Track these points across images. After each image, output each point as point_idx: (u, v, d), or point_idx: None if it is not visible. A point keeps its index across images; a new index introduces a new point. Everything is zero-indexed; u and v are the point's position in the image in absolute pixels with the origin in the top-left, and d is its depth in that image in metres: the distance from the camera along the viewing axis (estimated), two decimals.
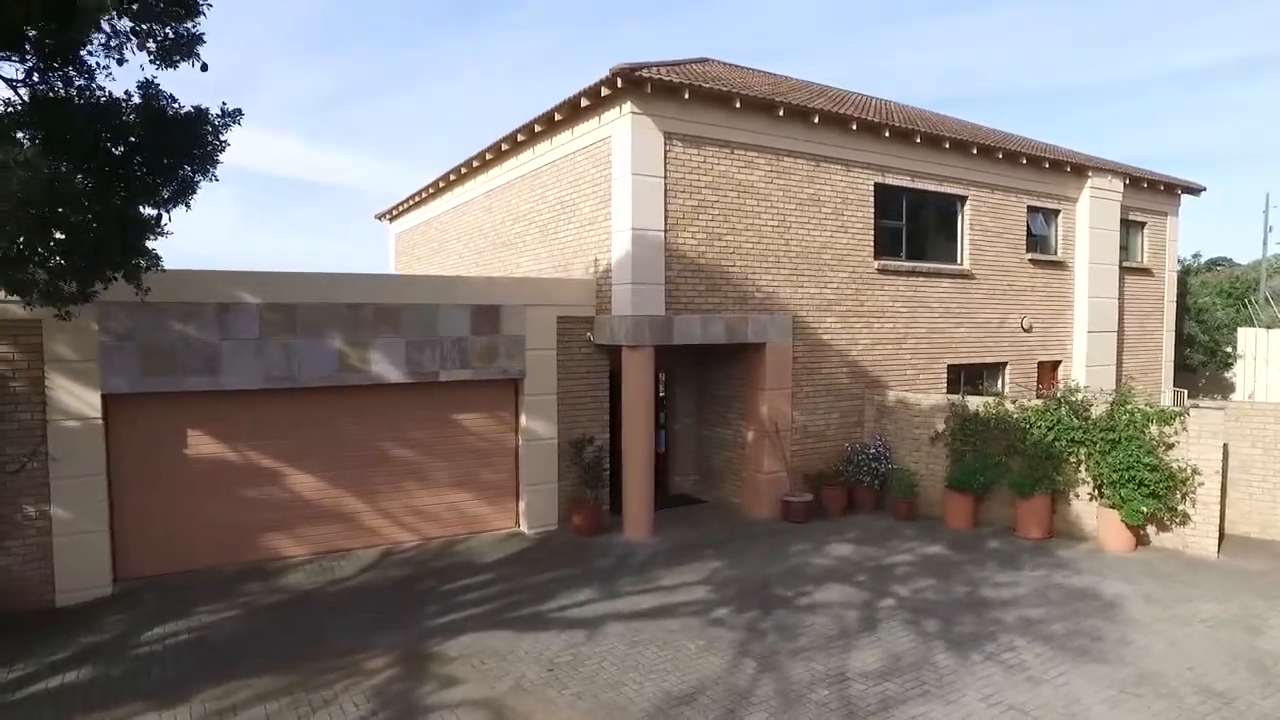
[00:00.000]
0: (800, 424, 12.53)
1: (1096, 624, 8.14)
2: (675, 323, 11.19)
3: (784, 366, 12.23)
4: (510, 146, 13.50)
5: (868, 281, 13.22)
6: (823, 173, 12.57)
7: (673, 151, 11.13)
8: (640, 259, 10.93)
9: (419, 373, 10.71)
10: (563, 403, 11.65)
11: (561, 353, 11.61)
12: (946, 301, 14.30)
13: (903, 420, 12.71)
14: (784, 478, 12.22)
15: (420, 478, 11.01)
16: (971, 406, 11.98)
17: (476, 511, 11.40)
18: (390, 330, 10.51)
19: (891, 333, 13.57)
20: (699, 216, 11.41)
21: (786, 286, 12.30)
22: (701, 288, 11.47)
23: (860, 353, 13.19)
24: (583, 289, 11.80)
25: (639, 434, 11.13)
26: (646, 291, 10.97)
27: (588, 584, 9.47)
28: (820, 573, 9.79)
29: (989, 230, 14.81)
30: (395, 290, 10.61)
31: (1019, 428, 11.47)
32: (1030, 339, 15.69)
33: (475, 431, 11.30)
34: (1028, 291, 15.56)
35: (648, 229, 10.95)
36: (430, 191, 17.57)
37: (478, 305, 11.05)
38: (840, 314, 12.92)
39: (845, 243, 12.90)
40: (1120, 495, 10.43)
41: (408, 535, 10.97)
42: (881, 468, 12.49)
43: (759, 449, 12.23)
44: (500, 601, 8.97)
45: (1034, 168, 15.24)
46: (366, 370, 10.40)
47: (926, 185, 13.83)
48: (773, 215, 12.10)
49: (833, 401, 12.90)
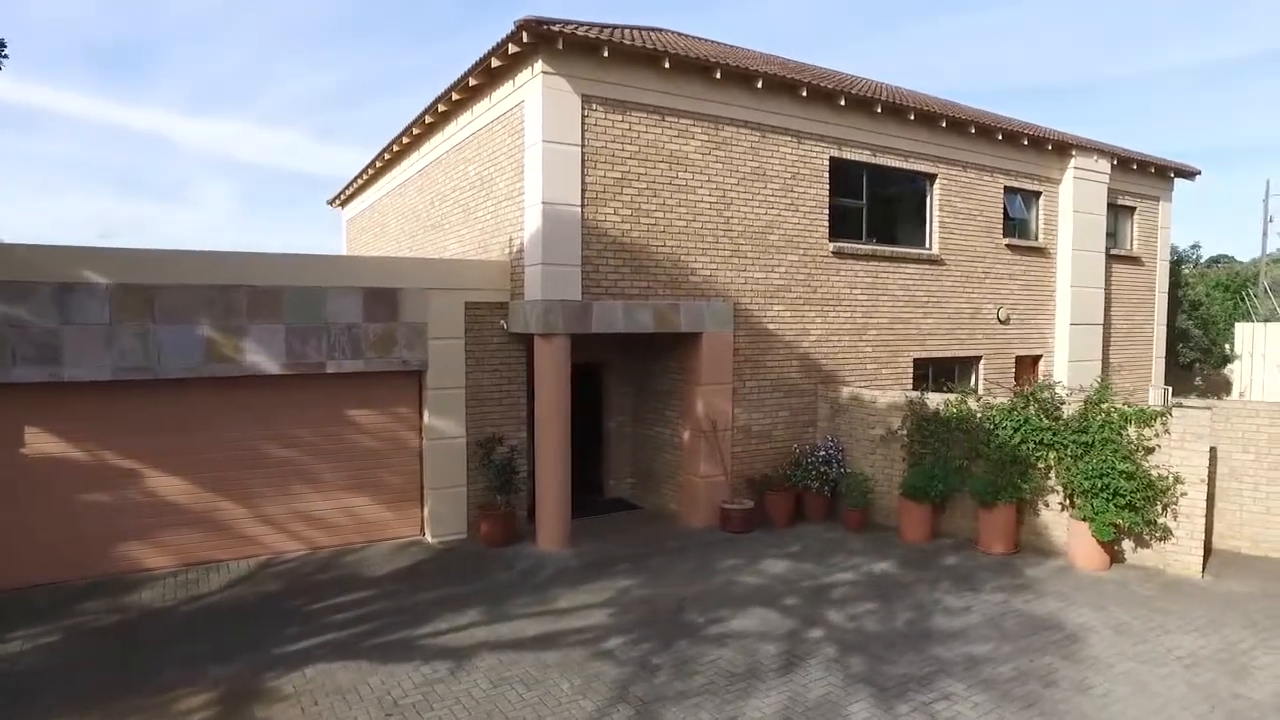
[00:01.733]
0: (743, 423, 11.11)
1: (1053, 663, 6.72)
2: (594, 309, 9.79)
3: (723, 359, 10.81)
4: (434, 119, 12.11)
5: (822, 265, 11.77)
6: (769, 144, 11.13)
7: (592, 117, 9.72)
8: (552, 237, 9.53)
9: (303, 364, 9.35)
10: (473, 398, 10.27)
11: (471, 342, 10.23)
12: (913, 289, 12.83)
13: (857, 420, 11.28)
14: (723, 482, 10.81)
15: (309, 480, 9.66)
16: (931, 404, 10.54)
17: (375, 518, 10.05)
18: (269, 316, 9.16)
19: (849, 323, 12.12)
20: (623, 190, 9.99)
21: (727, 270, 10.87)
22: (625, 270, 10.06)
23: (813, 344, 11.75)
24: (495, 272, 10.42)
25: (553, 433, 9.75)
26: (560, 273, 9.58)
27: (476, 604, 8.13)
28: (746, 594, 8.39)
29: (961, 212, 13.32)
30: (275, 271, 9.24)
31: (983, 428, 10.03)
32: (1007, 331, 14.20)
33: (371, 429, 9.95)
34: (1005, 279, 14.06)
35: (561, 203, 9.55)
36: (370, 173, 16.20)
37: (372, 289, 9.68)
38: (790, 301, 11.48)
39: (796, 222, 11.46)
40: (1092, 506, 8.98)
41: (294, 544, 9.63)
42: (832, 472, 11.05)
43: (695, 451, 10.83)
44: (370, 624, 7.63)
45: (1011, 145, 13.72)
46: (240, 360, 9.05)
47: (890, 161, 12.36)
48: (711, 190, 10.67)
49: (781, 398, 11.47)
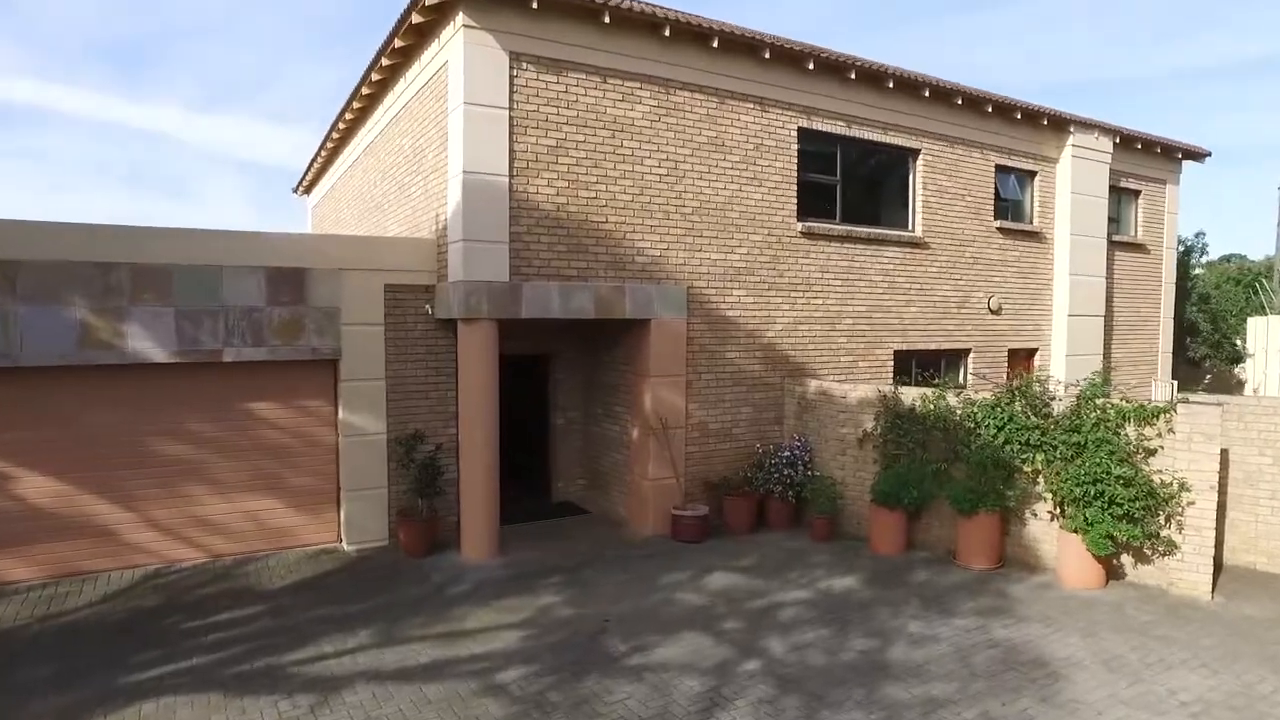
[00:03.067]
0: (698, 420, 9.90)
1: (1029, 710, 5.48)
2: (524, 291, 8.62)
3: (676, 349, 9.60)
4: (371, 90, 10.95)
5: (789, 247, 10.53)
6: (728, 111, 9.91)
7: (522, 77, 8.55)
8: (475, 210, 8.36)
9: (195, 351, 8.23)
10: (395, 391, 9.12)
11: (392, 329, 9.07)
12: (893, 275, 11.57)
13: (826, 417, 10.04)
14: (675, 486, 9.60)
15: (205, 481, 8.53)
16: (906, 400, 9.29)
17: (284, 523, 8.91)
18: (155, 297, 8.04)
19: (821, 310, 10.88)
20: (558, 159, 8.81)
21: (679, 250, 9.66)
22: (561, 248, 8.88)
23: (779, 334, 10.52)
24: (419, 251, 9.25)
25: (478, 431, 8.58)
26: (484, 251, 8.41)
27: (373, 623, 6.99)
28: (683, 615, 7.19)
29: (947, 191, 12.04)
30: (163, 246, 8.10)
31: (963, 427, 8.78)
32: (999, 322, 12.91)
33: (279, 425, 8.81)
34: (996, 265, 12.77)
35: (485, 173, 8.38)
36: (324, 156, 15.08)
37: (276, 269, 8.54)
38: (752, 286, 10.25)
39: (759, 199, 10.23)
40: (1085, 517, 7.72)
41: (189, 552, 8.50)
42: (797, 475, 9.81)
43: (644, 451, 9.62)
44: (244, 646, 6.50)
45: (1003, 119, 12.42)
46: (122, 347, 7.94)
47: (867, 134, 11.10)
48: (660, 161, 9.46)
49: (743, 393, 10.24)
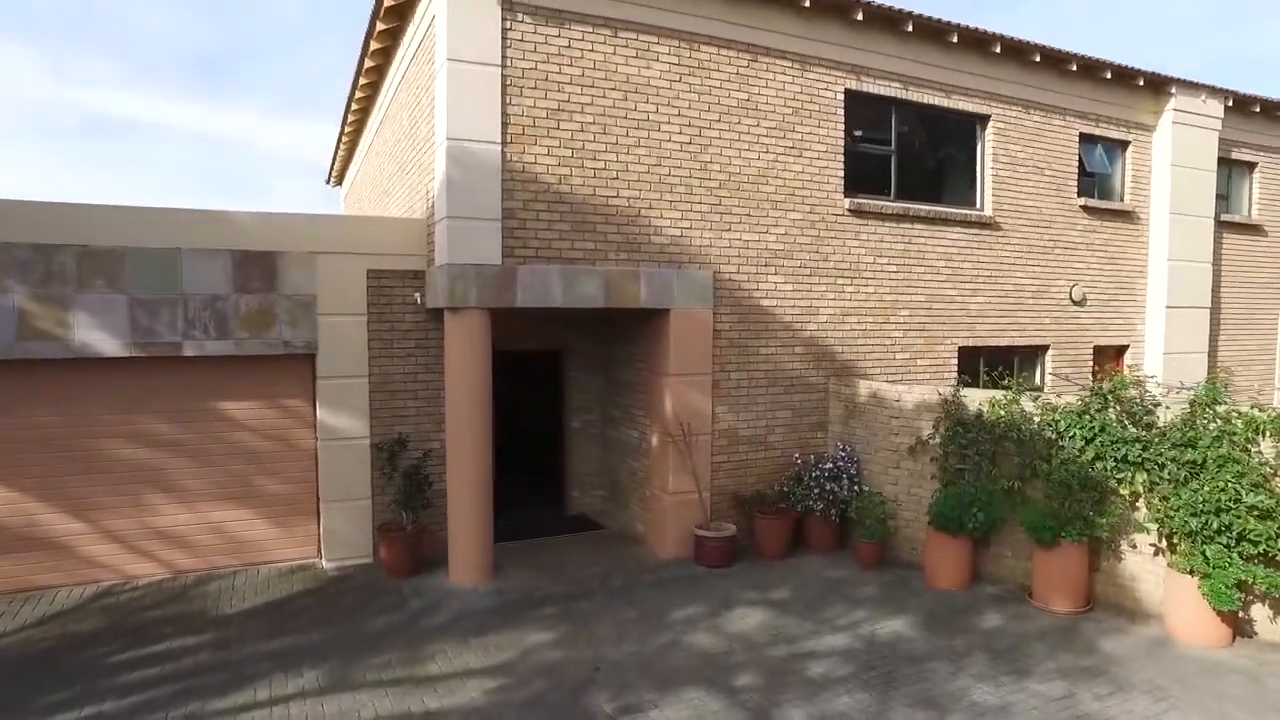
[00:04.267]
0: (727, 425, 8.50)
1: None
2: (520, 275, 7.38)
3: (700, 343, 8.23)
4: (375, 62, 9.91)
5: (834, 226, 9.03)
6: (762, 70, 8.48)
7: (517, 29, 7.31)
8: (461, 183, 7.17)
9: (152, 344, 7.26)
10: (380, 390, 8.01)
11: (376, 320, 7.96)
12: (957, 260, 9.93)
13: (877, 423, 8.51)
14: (698, 501, 8.23)
15: (166, 489, 7.57)
16: (971, 404, 7.71)
17: (255, 536, 7.90)
18: (106, 284, 7.10)
19: (872, 299, 9.33)
20: (560, 125, 7.54)
21: (704, 229, 8.28)
22: (564, 227, 7.61)
23: (823, 327, 9.03)
24: (406, 232, 8.12)
25: (466, 436, 7.38)
26: (471, 230, 7.20)
27: (325, 660, 5.89)
28: (690, 665, 5.84)
29: (1022, 164, 10.32)
30: (114, 227, 7.15)
31: (1042, 437, 7.16)
32: (1082, 315, 11.09)
33: (249, 426, 7.79)
34: (1079, 249, 10.95)
35: (472, 140, 7.17)
36: (346, 142, 14.20)
37: (243, 252, 7.51)
38: (791, 271, 8.79)
39: (799, 171, 8.77)
40: (1204, 555, 6.05)
41: (149, 567, 7.56)
42: (842, 490, 8.32)
43: (663, 460, 8.29)
44: (168, 688, 5.48)
45: (1089, 80, 10.60)
46: (67, 339, 7.02)
47: (928, 97, 9.50)
48: (681, 127, 8.10)
49: (779, 395, 8.80)
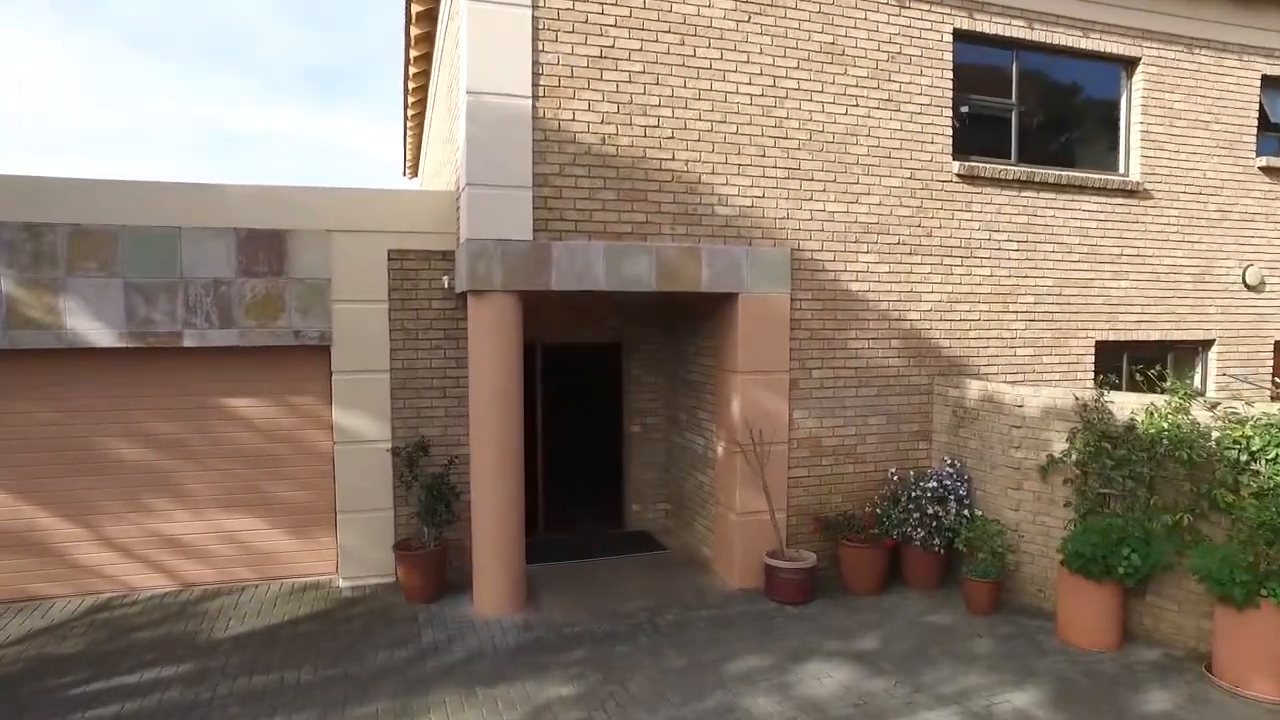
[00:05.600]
0: (807, 432, 7.04)
1: None
2: (555, 253, 6.17)
3: (774, 334, 6.80)
4: (421, 30, 8.96)
5: (940, 195, 7.39)
6: (850, 8, 6.95)
7: None
8: (483, 145, 6.02)
9: (150, 333, 6.47)
10: (403, 387, 6.98)
11: (399, 307, 6.94)
12: (1095, 235, 8.07)
13: (994, 433, 6.83)
14: (771, 523, 6.80)
15: (173, 494, 6.79)
16: (1121, 412, 5.97)
17: (270, 547, 7.02)
18: (99, 267, 6.35)
19: (988, 283, 7.64)
20: (603, 75, 6.29)
21: (779, 199, 6.84)
22: (608, 195, 6.34)
23: (926, 316, 7.42)
24: (433, 207, 7.04)
25: (490, 443, 6.23)
26: (496, 200, 6.05)
27: (304, 709, 4.85)
28: None
29: (1181, 116, 8.32)
30: (108, 203, 6.36)
31: (1224, 458, 5.37)
32: (1260, 302, 8.95)
33: (259, 426, 6.91)
34: (1257, 221, 8.82)
35: (498, 92, 6.02)
36: (413, 127, 13.43)
37: (249, 231, 6.62)
38: (887, 248, 7.23)
39: (896, 129, 7.19)
40: None
41: (156, 579, 6.80)
42: (949, 516, 6.71)
43: (729, 472, 6.91)
44: None
45: (1276, 6, 8.50)
46: (58, 328, 6.31)
47: (1059, 37, 7.71)
48: (751, 77, 6.69)
49: (872, 397, 7.25)
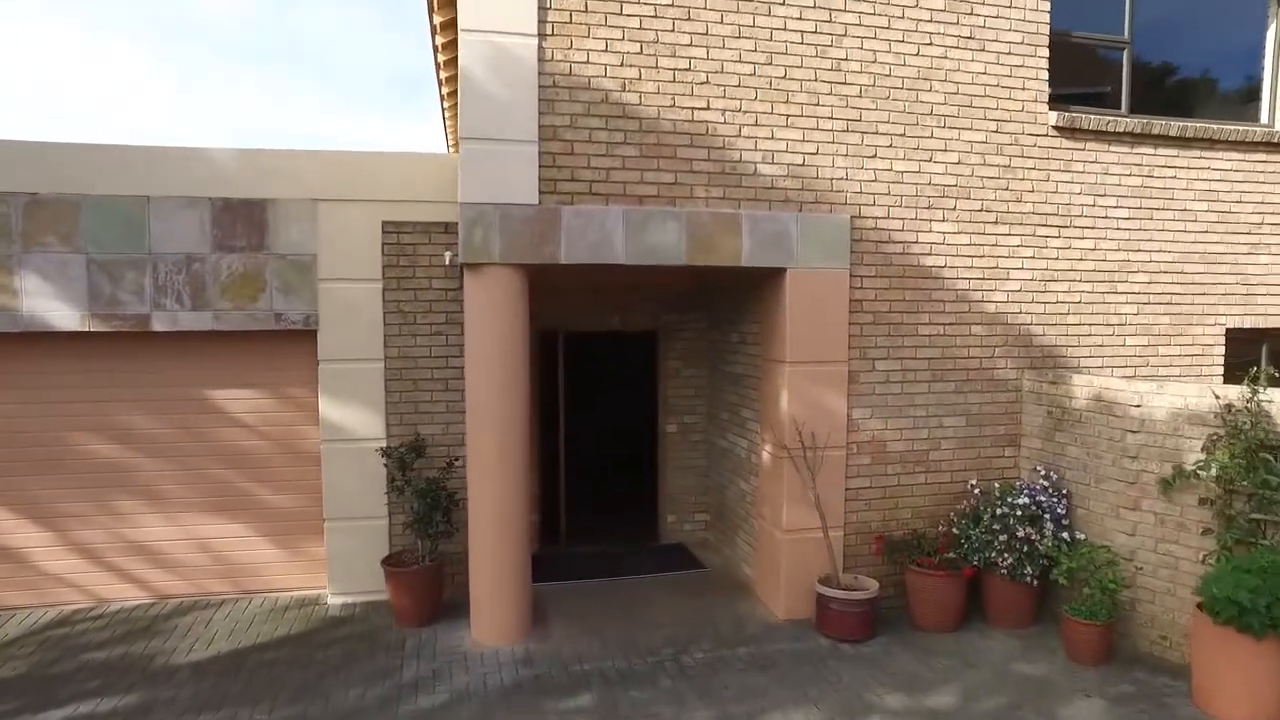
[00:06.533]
0: (870, 435, 5.88)
1: None
2: (564, 219, 5.18)
3: (831, 318, 5.67)
4: None
5: (1033, 153, 6.12)
6: None
7: None
8: (479, 92, 5.07)
9: (116, 315, 5.72)
10: (399, 378, 6.08)
11: (395, 287, 6.04)
12: (1228, 201, 6.67)
13: (1101, 440, 5.55)
14: (824, 543, 5.67)
15: (144, 496, 6.03)
16: (1276, 413, 4.66)
17: (253, 558, 6.21)
18: (58, 241, 5.63)
19: (1091, 260, 6.33)
20: (623, 10, 5.26)
21: (837, 156, 5.71)
22: (629, 152, 5.31)
23: (1015, 298, 6.16)
24: (433, 172, 6.10)
25: (487, 445, 5.27)
26: (493, 156, 5.09)
27: None
28: None
29: None
30: (67, 170, 5.63)
31: None
32: None
33: (240, 421, 6.10)
34: None
35: (497, 30, 5.06)
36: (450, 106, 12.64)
37: (224, 200, 5.81)
38: (968, 217, 6.01)
39: (979, 73, 5.96)
40: None
41: (128, 590, 6.06)
42: (1043, 538, 5.47)
43: (775, 482, 5.81)
44: None
45: None
46: (13, 309, 5.61)
47: None
48: (802, 10, 5.57)
49: (948, 394, 6.05)
